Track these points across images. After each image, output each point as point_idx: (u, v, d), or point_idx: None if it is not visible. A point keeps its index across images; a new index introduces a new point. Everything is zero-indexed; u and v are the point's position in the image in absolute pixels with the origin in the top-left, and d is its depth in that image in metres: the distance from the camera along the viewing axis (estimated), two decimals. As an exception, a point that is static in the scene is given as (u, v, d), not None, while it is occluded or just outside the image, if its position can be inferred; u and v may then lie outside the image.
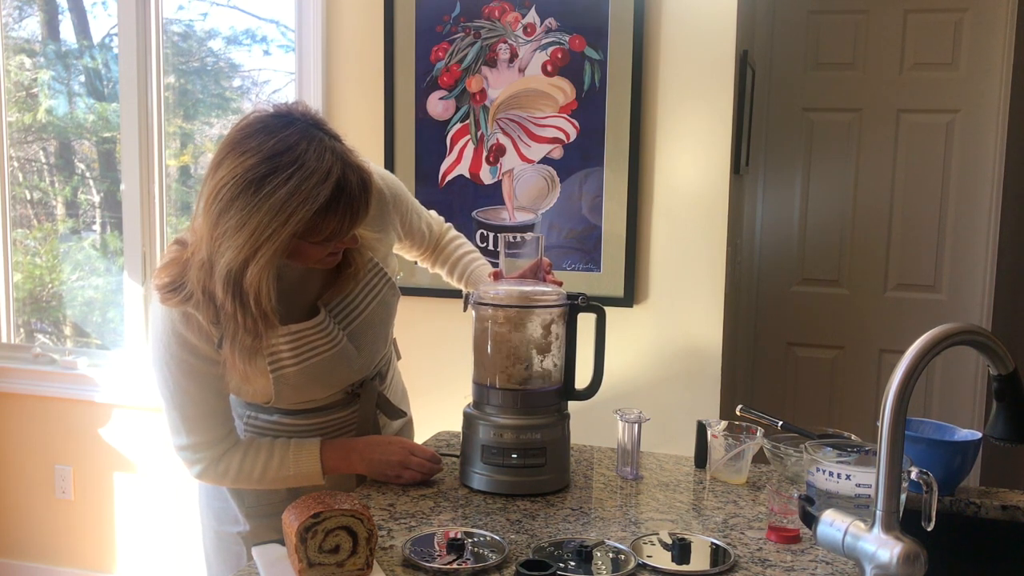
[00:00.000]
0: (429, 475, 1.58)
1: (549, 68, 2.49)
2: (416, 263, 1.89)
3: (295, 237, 1.31)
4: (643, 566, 1.24)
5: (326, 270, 1.50)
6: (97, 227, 3.34)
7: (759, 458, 1.64)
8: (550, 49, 2.48)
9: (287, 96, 3.02)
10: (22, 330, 3.34)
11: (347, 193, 1.31)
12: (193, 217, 1.39)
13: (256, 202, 1.27)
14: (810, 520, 1.15)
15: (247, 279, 1.31)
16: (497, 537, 1.32)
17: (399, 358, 1.80)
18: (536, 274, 1.62)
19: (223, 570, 1.64)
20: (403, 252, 1.81)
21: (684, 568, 1.24)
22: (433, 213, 1.86)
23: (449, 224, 1.90)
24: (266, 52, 3.09)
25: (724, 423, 1.66)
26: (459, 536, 1.29)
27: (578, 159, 2.50)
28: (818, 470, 1.31)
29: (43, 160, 3.41)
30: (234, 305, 1.33)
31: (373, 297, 1.56)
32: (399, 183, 1.68)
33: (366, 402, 1.61)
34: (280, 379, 1.46)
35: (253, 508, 1.60)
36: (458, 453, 1.65)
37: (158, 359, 1.45)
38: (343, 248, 1.43)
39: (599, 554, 1.26)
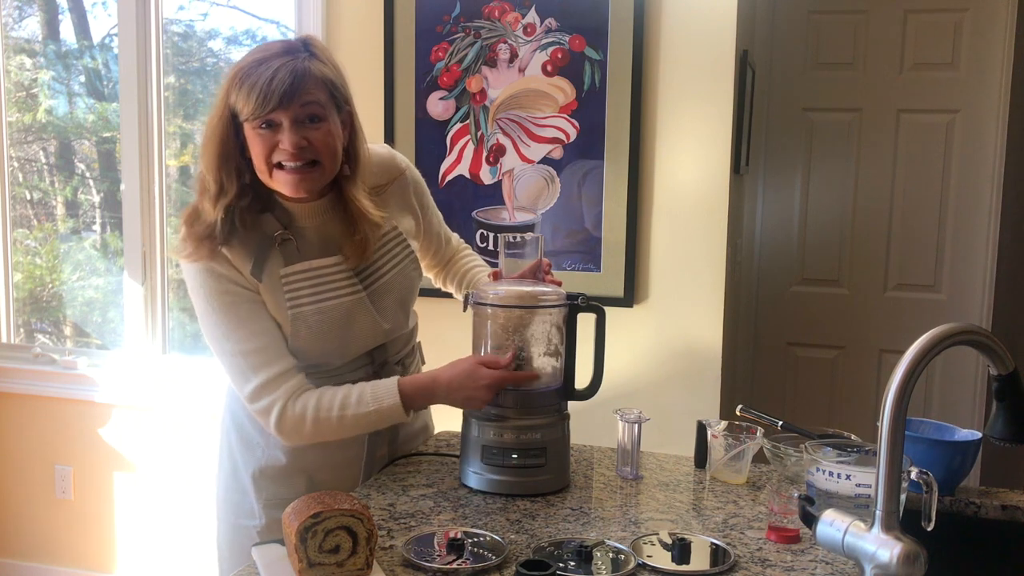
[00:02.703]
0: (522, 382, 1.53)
1: (549, 68, 2.49)
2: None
3: (230, 109, 1.42)
4: (643, 566, 1.24)
5: (340, 237, 1.53)
6: (97, 227, 3.34)
7: (759, 458, 1.64)
8: (550, 49, 2.48)
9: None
10: (22, 330, 3.34)
11: (265, 69, 1.39)
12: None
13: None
14: (810, 520, 1.15)
15: (215, 153, 1.44)
16: (497, 537, 1.32)
17: (423, 363, 1.81)
18: (536, 274, 1.62)
19: (235, 564, 1.64)
20: (419, 256, 1.81)
21: (684, 568, 1.24)
22: (455, 235, 1.91)
23: (467, 245, 1.93)
24: (266, 52, 3.08)
25: (724, 423, 1.66)
26: (459, 536, 1.29)
27: (578, 159, 2.50)
28: (818, 470, 1.31)
29: (43, 160, 3.41)
30: (219, 177, 1.44)
31: (395, 264, 1.60)
32: (423, 180, 1.74)
33: None
34: (298, 316, 1.48)
35: (273, 500, 1.60)
36: (458, 453, 1.64)
37: (201, 305, 1.49)
38: (289, 149, 1.42)
39: (599, 554, 1.26)
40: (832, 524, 1.11)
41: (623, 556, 1.26)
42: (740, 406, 1.74)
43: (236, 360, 1.48)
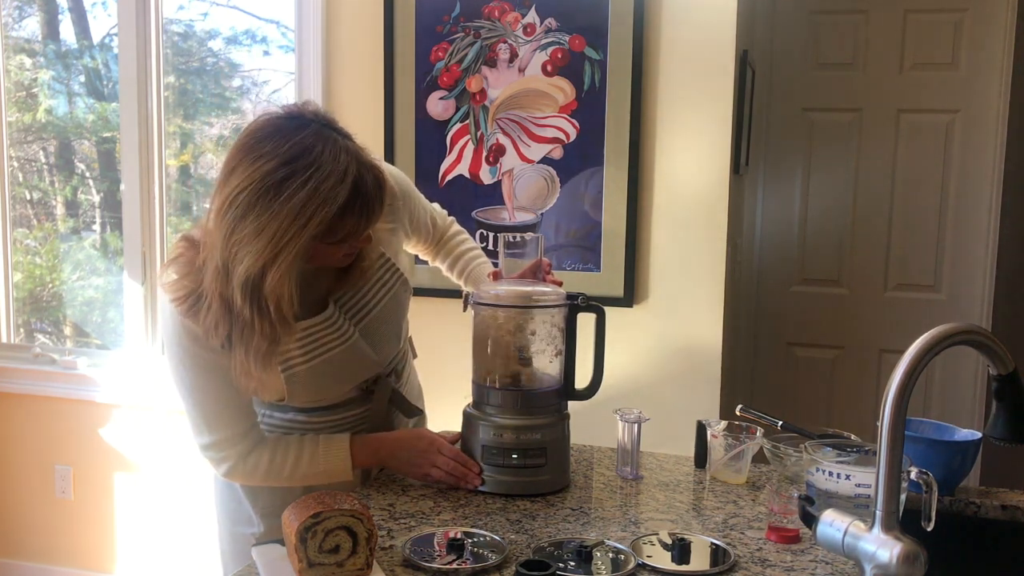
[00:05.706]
0: (461, 480, 1.54)
1: (549, 68, 2.49)
2: (416, 256, 1.88)
3: (314, 239, 1.31)
4: (643, 566, 1.24)
5: (326, 290, 1.50)
6: (97, 227, 3.34)
7: (759, 458, 1.64)
8: (550, 49, 2.48)
9: (286, 96, 3.02)
10: (22, 330, 3.34)
11: (364, 193, 1.32)
12: (204, 221, 1.38)
13: (275, 207, 1.26)
14: (810, 520, 1.15)
15: (267, 285, 1.30)
16: (497, 537, 1.32)
17: (415, 356, 1.80)
18: (536, 274, 1.62)
19: (238, 567, 1.64)
20: (406, 246, 1.80)
21: (684, 568, 1.24)
22: (436, 206, 1.84)
23: (452, 218, 1.89)
24: (266, 52, 3.09)
25: (724, 423, 1.66)
26: (459, 536, 1.29)
27: (578, 159, 2.50)
28: (818, 470, 1.31)
29: (43, 160, 3.41)
30: (252, 311, 1.32)
31: (385, 292, 1.56)
32: (406, 179, 1.68)
33: (379, 399, 1.60)
34: (292, 378, 1.46)
35: (268, 508, 1.59)
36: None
37: (172, 357, 1.44)
38: (359, 247, 1.43)
39: (599, 554, 1.26)
40: (832, 524, 1.11)
41: (623, 556, 1.26)
42: (740, 406, 1.74)
43: (193, 412, 1.47)
